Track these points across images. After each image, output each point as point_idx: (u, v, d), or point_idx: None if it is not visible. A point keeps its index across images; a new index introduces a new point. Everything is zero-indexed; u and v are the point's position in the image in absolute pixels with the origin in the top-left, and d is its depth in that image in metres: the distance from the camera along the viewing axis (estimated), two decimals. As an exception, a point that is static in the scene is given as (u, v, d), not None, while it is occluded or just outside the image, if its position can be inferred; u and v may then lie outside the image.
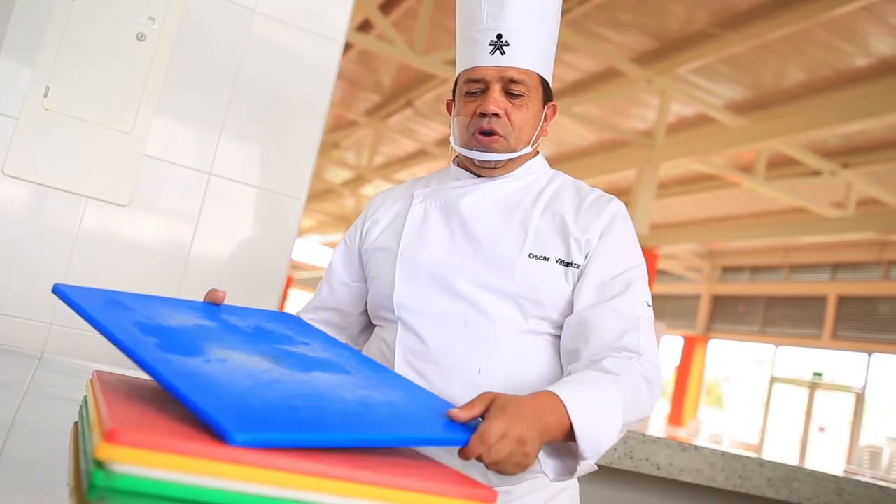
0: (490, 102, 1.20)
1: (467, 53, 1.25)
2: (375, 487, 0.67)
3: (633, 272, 1.20)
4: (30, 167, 1.66)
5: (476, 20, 1.24)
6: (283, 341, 1.02)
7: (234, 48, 1.85)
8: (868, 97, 7.09)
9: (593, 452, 0.99)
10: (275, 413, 0.71)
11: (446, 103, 1.35)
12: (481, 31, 1.23)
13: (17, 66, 1.66)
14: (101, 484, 0.59)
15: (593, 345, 1.14)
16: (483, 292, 1.17)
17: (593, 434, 0.98)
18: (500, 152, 1.22)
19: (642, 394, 1.08)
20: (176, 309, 1.03)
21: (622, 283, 1.18)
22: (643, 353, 1.13)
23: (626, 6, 6.90)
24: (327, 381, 0.87)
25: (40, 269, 1.68)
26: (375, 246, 1.32)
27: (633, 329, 1.14)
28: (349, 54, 8.92)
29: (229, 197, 1.85)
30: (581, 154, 10.99)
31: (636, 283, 1.19)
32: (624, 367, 1.08)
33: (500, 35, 1.21)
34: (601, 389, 1.02)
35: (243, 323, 1.06)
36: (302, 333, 1.09)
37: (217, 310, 1.09)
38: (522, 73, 1.22)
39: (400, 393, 0.91)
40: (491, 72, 1.21)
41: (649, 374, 1.11)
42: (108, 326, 0.86)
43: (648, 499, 2.00)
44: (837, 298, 12.85)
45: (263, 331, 1.04)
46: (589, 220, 1.21)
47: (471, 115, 1.23)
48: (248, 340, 0.97)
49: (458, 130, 1.26)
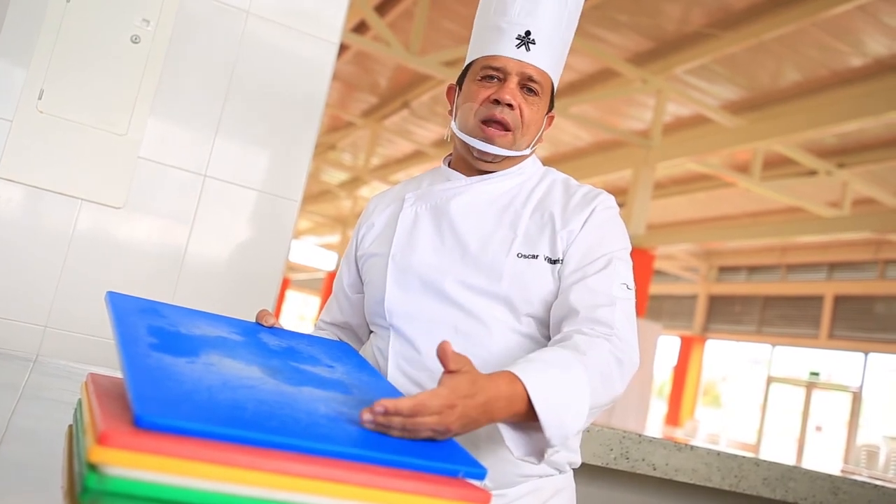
0: (507, 92, 1.20)
1: (490, 41, 1.24)
2: (368, 489, 0.67)
3: (614, 254, 1.18)
4: (24, 170, 1.66)
5: (507, 12, 1.24)
6: (305, 361, 0.99)
7: (228, 50, 1.85)
8: (863, 97, 7.11)
9: (560, 438, 0.95)
10: (210, 407, 0.69)
11: (447, 88, 1.34)
12: (511, 23, 1.23)
13: (11, 68, 1.66)
14: (93, 487, 0.59)
15: (568, 321, 1.12)
16: (473, 295, 1.17)
17: (558, 420, 0.94)
18: (502, 147, 1.22)
19: (612, 375, 1.05)
20: (215, 323, 1.04)
21: (601, 263, 1.16)
22: (615, 329, 1.09)
23: (622, 6, 6.91)
24: (313, 395, 0.84)
25: (35, 272, 1.67)
26: (369, 252, 1.32)
27: (608, 305, 1.11)
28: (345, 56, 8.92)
29: (224, 199, 1.85)
30: (577, 154, 11.00)
31: (615, 263, 1.16)
32: (593, 345, 1.05)
33: (528, 32, 1.22)
34: (567, 371, 0.98)
35: (276, 342, 1.05)
36: (337, 359, 1.05)
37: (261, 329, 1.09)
38: (541, 73, 1.23)
39: None
40: (513, 64, 1.21)
41: (621, 354, 1.07)
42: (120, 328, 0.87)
43: (645, 499, 2.00)
44: (834, 298, 12.87)
45: (292, 350, 1.03)
46: (574, 214, 1.21)
47: (481, 102, 1.22)
48: (260, 355, 0.96)
49: (463, 116, 1.25)
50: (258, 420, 0.70)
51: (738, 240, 12.57)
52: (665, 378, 16.38)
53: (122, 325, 0.88)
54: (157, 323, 0.95)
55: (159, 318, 0.97)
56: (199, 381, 0.77)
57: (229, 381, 0.80)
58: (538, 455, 0.98)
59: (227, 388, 0.77)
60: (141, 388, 0.69)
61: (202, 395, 0.72)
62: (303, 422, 0.73)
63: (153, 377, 0.73)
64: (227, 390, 0.76)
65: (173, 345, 0.87)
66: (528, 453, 0.98)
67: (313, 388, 0.87)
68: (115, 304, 0.98)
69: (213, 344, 0.93)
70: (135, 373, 0.73)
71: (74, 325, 1.69)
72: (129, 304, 1.01)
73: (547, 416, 0.93)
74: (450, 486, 0.71)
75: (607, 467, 1.81)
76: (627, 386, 1.10)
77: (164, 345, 0.86)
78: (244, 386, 0.80)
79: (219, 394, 0.74)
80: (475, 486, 0.73)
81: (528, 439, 0.97)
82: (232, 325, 1.06)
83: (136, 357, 0.78)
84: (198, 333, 0.96)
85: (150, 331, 0.90)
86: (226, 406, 0.71)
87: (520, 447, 0.98)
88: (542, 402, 0.93)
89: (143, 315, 0.97)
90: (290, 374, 0.91)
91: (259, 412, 0.72)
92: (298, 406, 0.78)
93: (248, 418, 0.69)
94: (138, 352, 0.80)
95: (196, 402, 0.70)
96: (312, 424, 0.73)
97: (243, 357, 0.92)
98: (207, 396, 0.72)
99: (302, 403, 0.79)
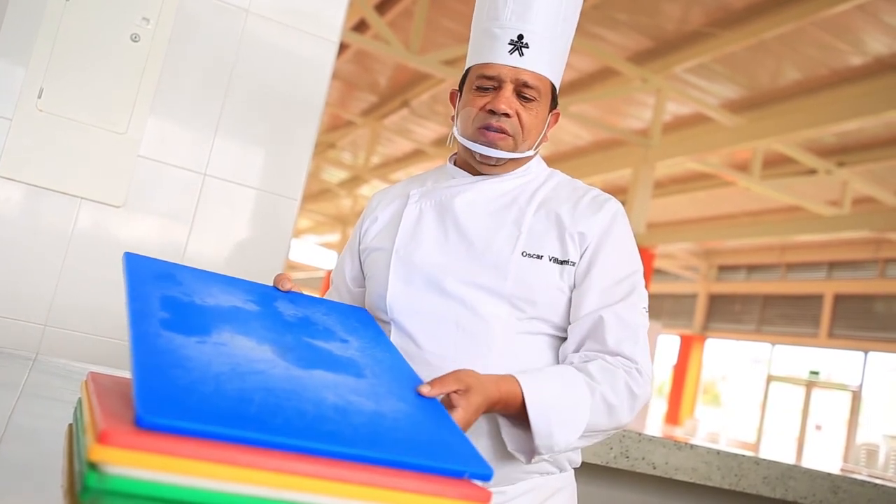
0: (501, 101, 1.19)
1: (484, 48, 1.23)
2: (369, 488, 0.67)
3: (635, 276, 1.21)
4: (24, 168, 1.66)
5: (499, 16, 1.22)
6: (319, 335, 0.98)
7: (228, 49, 1.85)
8: (863, 96, 7.11)
9: (546, 448, 1.02)
10: (215, 401, 0.69)
11: (450, 93, 1.33)
12: (503, 27, 1.21)
13: (10, 67, 1.66)
14: (93, 486, 0.59)
15: (591, 342, 1.15)
16: (476, 292, 1.17)
17: (548, 430, 1.01)
18: (504, 150, 1.21)
19: (621, 405, 1.09)
20: (231, 289, 1.02)
21: (626, 288, 1.18)
22: (638, 364, 1.14)
23: (622, 5, 6.91)
24: (323, 380, 0.83)
25: (34, 271, 1.67)
26: (372, 246, 1.32)
27: (632, 338, 1.15)
28: (345, 54, 8.92)
29: (224, 197, 1.85)
30: (577, 153, 11.00)
31: (638, 288, 1.20)
32: (609, 374, 1.10)
33: (521, 36, 1.20)
34: (570, 388, 1.04)
35: (293, 311, 1.02)
36: (352, 331, 1.03)
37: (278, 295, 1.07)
38: (536, 77, 1.21)
39: (406, 408, 0.84)
40: (507, 71, 1.20)
41: (637, 389, 1.12)
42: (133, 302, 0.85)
43: (645, 498, 2.00)
44: (834, 297, 12.88)
45: (307, 321, 1.01)
46: (585, 217, 1.20)
47: (478, 109, 1.21)
48: (274, 329, 0.94)
49: (463, 122, 1.24)
50: (263, 416, 0.69)
51: (737, 239, 12.57)
52: (665, 377, 16.39)
53: (135, 296, 0.86)
54: (172, 292, 0.93)
55: (174, 286, 0.95)
56: (208, 367, 0.76)
57: (238, 367, 0.79)
58: (528, 455, 1.06)
59: (236, 375, 0.76)
60: (146, 382, 0.68)
61: (209, 386, 0.71)
62: (309, 415, 0.73)
63: (160, 365, 0.72)
64: (236, 378, 0.75)
65: (185, 321, 0.86)
66: (517, 449, 1.07)
67: (324, 371, 0.86)
68: (132, 267, 0.94)
69: (227, 318, 0.92)
70: (142, 360, 0.72)
71: (74, 323, 1.69)
72: (145, 267, 0.97)
73: (537, 421, 1.00)
74: (451, 486, 0.70)
75: (607, 466, 1.81)
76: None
77: (175, 321, 0.85)
78: (253, 371, 0.79)
79: (226, 383, 0.73)
80: (477, 485, 0.73)
81: (520, 437, 1.06)
82: (249, 292, 1.03)
83: (146, 338, 0.77)
84: (212, 304, 0.94)
85: (164, 303, 0.88)
86: (232, 399, 0.70)
87: (512, 440, 1.07)
88: (534, 407, 0.99)
89: (158, 282, 0.94)
90: (303, 352, 0.89)
91: (265, 405, 0.71)
92: (306, 395, 0.77)
93: (252, 415, 0.69)
94: (149, 331, 0.79)
95: (201, 394, 0.69)
96: (319, 418, 0.73)
97: (256, 333, 0.90)
98: (214, 387, 0.71)
99: (311, 392, 0.79)
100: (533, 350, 1.18)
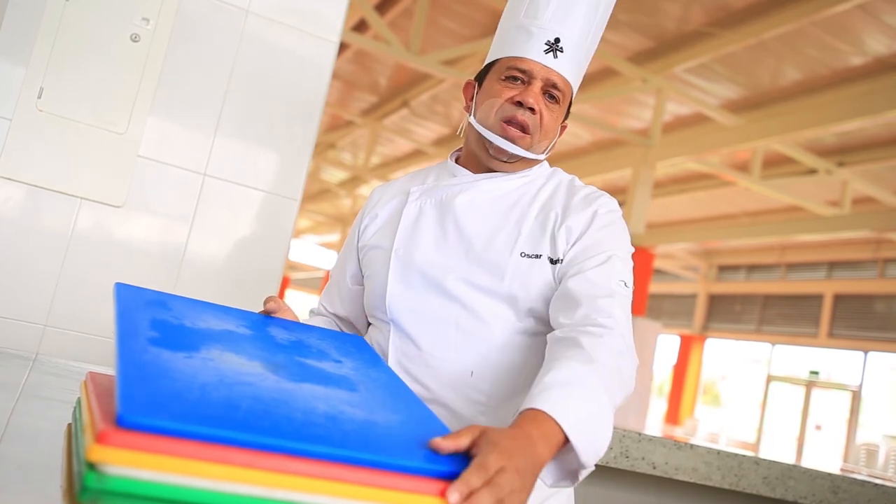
0: (531, 95, 1.20)
1: (518, 42, 1.24)
2: (367, 488, 0.67)
3: (614, 252, 1.16)
4: (23, 168, 1.66)
5: (538, 15, 1.23)
6: (312, 355, 0.96)
7: (228, 48, 1.85)
8: (863, 96, 7.11)
9: (594, 457, 0.92)
10: (201, 406, 0.67)
11: (465, 84, 1.33)
12: (541, 27, 1.22)
13: (10, 67, 1.66)
14: (92, 486, 0.59)
15: (567, 312, 1.10)
16: (475, 292, 1.17)
17: (591, 441, 0.91)
18: (521, 148, 1.21)
19: (622, 373, 1.03)
20: (224, 316, 1.01)
21: (600, 259, 1.15)
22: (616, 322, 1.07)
23: (622, 5, 6.90)
24: (313, 392, 0.81)
25: (34, 271, 1.67)
26: (371, 244, 1.31)
27: (607, 296, 1.09)
28: (345, 54, 8.92)
29: (224, 197, 1.85)
30: (577, 153, 11.00)
31: (614, 260, 1.15)
32: (599, 346, 1.02)
33: (558, 39, 1.22)
34: (587, 388, 0.94)
35: (285, 336, 1.01)
36: (347, 354, 1.00)
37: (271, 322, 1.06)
38: (564, 82, 1.24)
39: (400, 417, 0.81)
40: (539, 69, 1.21)
41: (623, 349, 1.06)
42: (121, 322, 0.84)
43: (644, 498, 2.00)
44: (834, 297, 12.88)
45: (300, 344, 0.99)
46: (576, 212, 1.20)
47: (505, 100, 1.21)
48: (265, 349, 0.92)
49: (485, 111, 1.23)
50: (250, 420, 0.67)
51: (737, 239, 12.57)
52: (665, 377, 16.39)
53: (123, 319, 0.86)
54: (162, 316, 0.92)
55: (165, 311, 0.95)
56: (194, 377, 0.74)
57: (226, 378, 0.77)
58: (573, 478, 0.94)
59: (223, 385, 0.75)
60: (127, 387, 0.66)
61: (194, 394, 0.70)
62: (297, 421, 0.71)
63: (143, 374, 0.71)
64: (223, 387, 0.74)
65: (174, 339, 0.85)
66: (560, 479, 0.94)
67: (315, 384, 0.84)
68: (122, 296, 0.94)
69: (217, 338, 0.91)
70: (125, 369, 0.70)
71: (74, 323, 1.69)
72: (136, 296, 0.97)
73: (580, 440, 0.88)
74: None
75: (607, 466, 1.81)
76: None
77: (164, 339, 0.84)
78: (241, 383, 0.77)
79: (213, 392, 0.72)
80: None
81: (561, 465, 0.93)
82: (242, 318, 1.03)
83: (131, 352, 0.76)
84: (202, 327, 0.93)
85: (153, 324, 0.88)
86: (218, 405, 0.69)
87: (551, 475, 0.93)
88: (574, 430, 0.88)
89: (149, 308, 0.94)
90: (294, 369, 0.87)
91: (253, 411, 0.70)
92: (296, 404, 0.75)
93: (239, 418, 0.67)
94: (135, 346, 0.78)
95: (186, 400, 0.68)
96: (307, 424, 0.71)
97: (247, 352, 0.89)
98: (199, 395, 0.70)
99: (300, 401, 0.76)
100: (532, 350, 1.17)
